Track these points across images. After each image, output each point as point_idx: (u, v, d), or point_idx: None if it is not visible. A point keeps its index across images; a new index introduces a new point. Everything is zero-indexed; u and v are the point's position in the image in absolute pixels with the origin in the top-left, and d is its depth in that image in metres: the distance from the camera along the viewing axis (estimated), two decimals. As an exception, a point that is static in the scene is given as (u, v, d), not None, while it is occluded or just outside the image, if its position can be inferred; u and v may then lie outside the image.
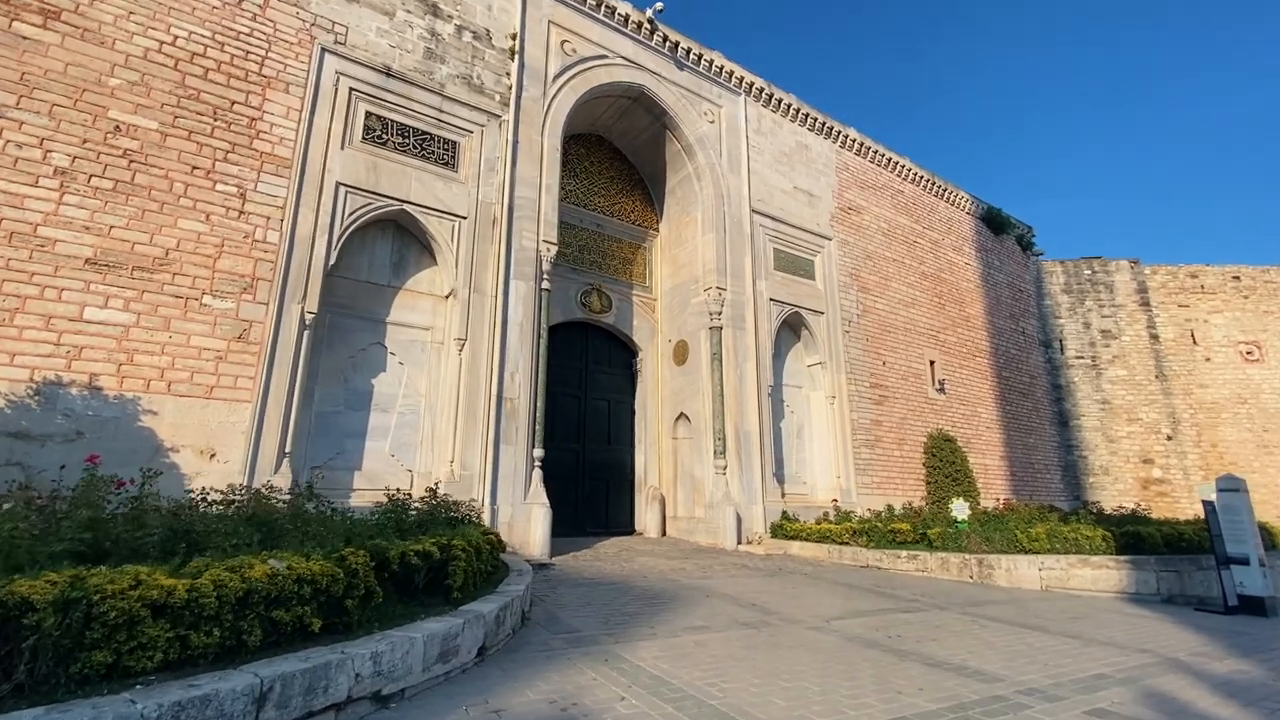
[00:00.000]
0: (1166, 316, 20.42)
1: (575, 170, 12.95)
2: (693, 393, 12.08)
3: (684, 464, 12.20)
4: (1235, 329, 20.33)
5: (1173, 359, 19.97)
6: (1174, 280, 20.82)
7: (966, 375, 16.91)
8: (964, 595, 7.65)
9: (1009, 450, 17.23)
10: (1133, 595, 8.32)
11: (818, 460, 13.36)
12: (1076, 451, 19.21)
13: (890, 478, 13.93)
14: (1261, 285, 20.80)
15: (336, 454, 8.22)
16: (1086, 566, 8.48)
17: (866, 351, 14.49)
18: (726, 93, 13.47)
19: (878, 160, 16.61)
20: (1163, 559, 8.48)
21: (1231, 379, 19.92)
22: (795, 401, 13.59)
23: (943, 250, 17.67)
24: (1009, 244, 20.30)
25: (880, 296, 15.32)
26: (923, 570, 9.16)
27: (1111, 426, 19.29)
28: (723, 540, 10.71)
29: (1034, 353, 19.67)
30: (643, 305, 13.34)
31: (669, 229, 13.69)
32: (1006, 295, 19.40)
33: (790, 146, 14.58)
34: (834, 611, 6.17)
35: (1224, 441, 19.45)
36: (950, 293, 17.39)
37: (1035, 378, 19.30)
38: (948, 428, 15.47)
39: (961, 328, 17.33)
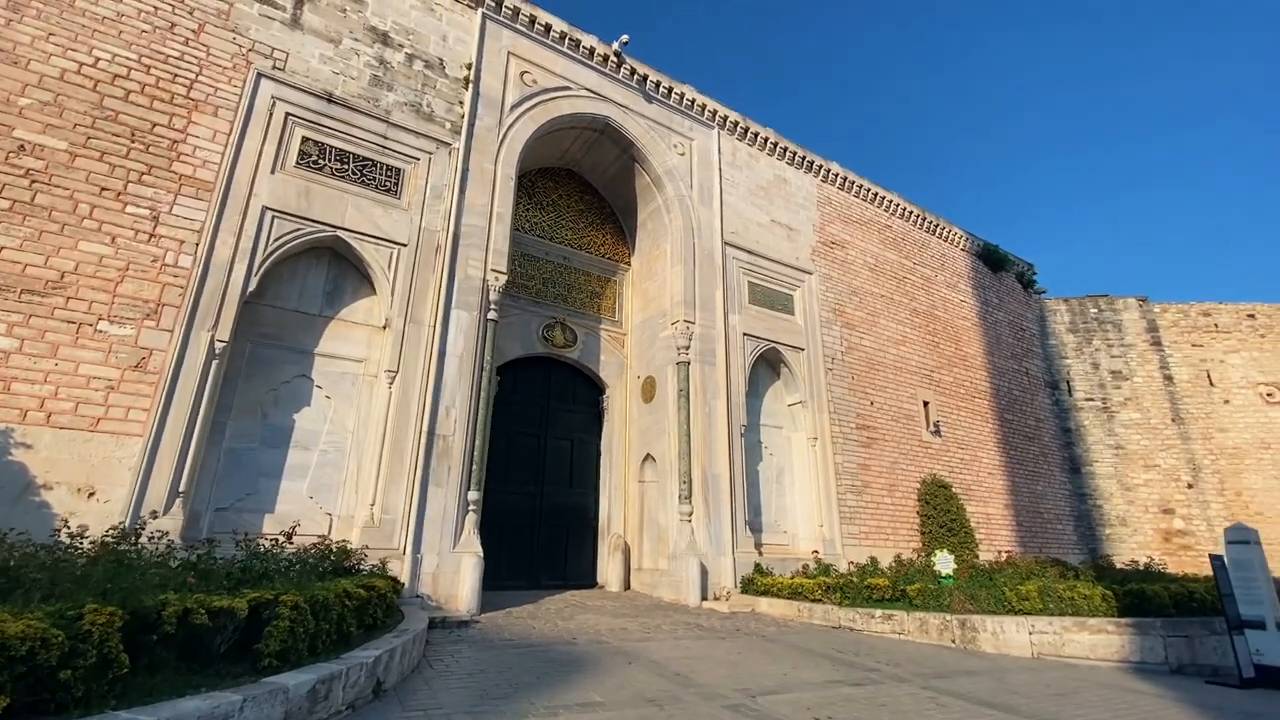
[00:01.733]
0: (1180, 356, 19.36)
1: (542, 203, 12.63)
2: (659, 432, 11.34)
3: (650, 510, 11.35)
4: (1254, 369, 19.17)
5: (1189, 401, 18.81)
6: (1185, 319, 19.83)
7: (965, 417, 15.95)
8: (937, 663, 6.67)
9: (1014, 498, 16.07)
10: (1136, 665, 7.24)
11: (799, 507, 12.42)
12: (1090, 500, 17.93)
13: (879, 527, 12.90)
14: (1278, 324, 19.73)
15: (246, 495, 7.58)
16: (1083, 630, 7.43)
17: (852, 390, 13.68)
18: (698, 125, 13.20)
19: (863, 195, 16.17)
20: (1170, 622, 7.42)
21: (1253, 422, 18.66)
22: (775, 443, 12.76)
23: (935, 287, 17.00)
24: (1008, 281, 19.57)
25: (867, 333, 14.60)
26: (899, 632, 8.14)
27: (1127, 473, 18.04)
28: (685, 596, 9.77)
29: (1039, 394, 18.65)
30: (611, 340, 12.76)
31: (640, 262, 13.23)
32: (1007, 334, 18.55)
33: (768, 180, 14.20)
34: (769, 684, 5.28)
35: (1249, 489, 18.06)
36: (945, 331, 16.62)
37: (1042, 421, 18.23)
38: (944, 473, 14.45)
39: (958, 367, 16.47)
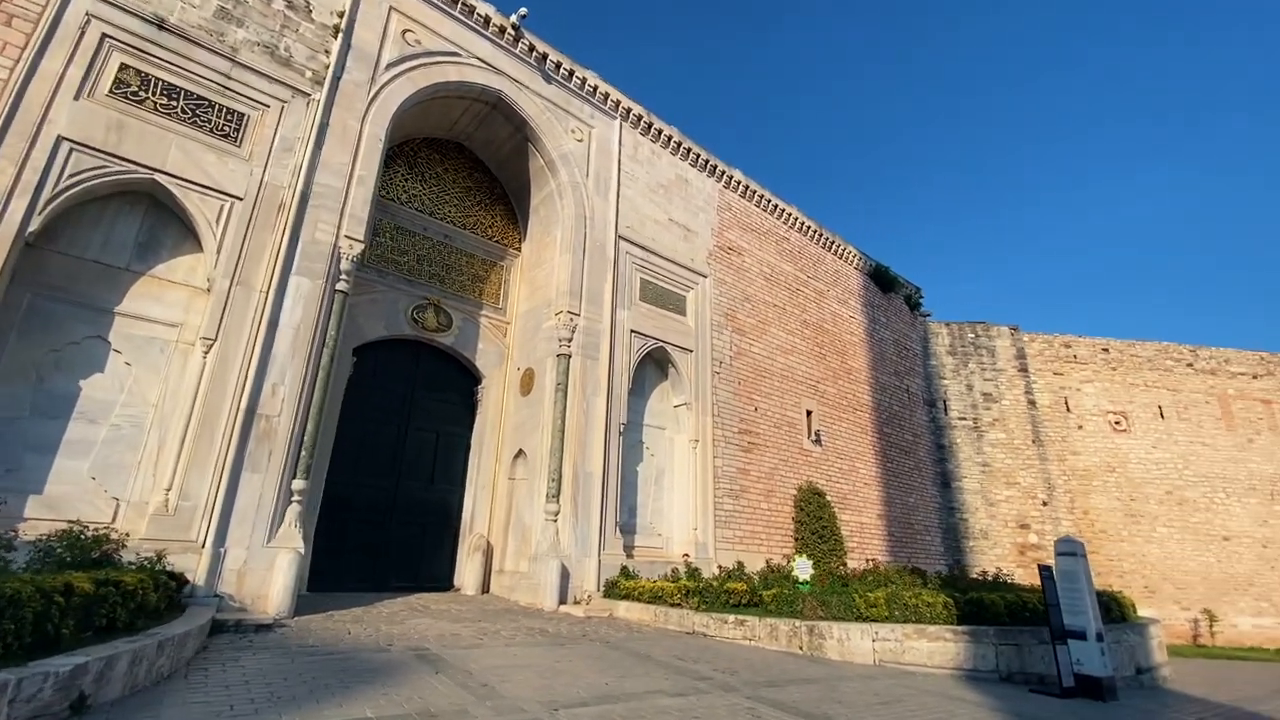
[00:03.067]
0: (1043, 383, 20.91)
1: (425, 175, 11.78)
2: (534, 427, 10.75)
3: (518, 508, 10.72)
4: (1105, 399, 21.01)
5: (1048, 425, 20.32)
6: (1050, 349, 21.48)
7: (846, 429, 16.38)
8: (777, 671, 6.46)
9: (888, 509, 16.64)
10: (969, 672, 7.37)
11: (676, 510, 12.17)
12: (958, 514, 18.92)
13: (755, 532, 12.87)
14: (1128, 358, 21.76)
15: (5, 471, 6.34)
16: (922, 638, 7.51)
17: (738, 395, 13.65)
18: (600, 113, 12.79)
19: (764, 205, 16.34)
20: (1002, 630, 7.62)
21: (1101, 448, 20.41)
22: (657, 444, 12.47)
23: (827, 301, 17.43)
24: (897, 302, 20.44)
25: (757, 340, 14.67)
26: (750, 638, 7.95)
27: (991, 490, 19.19)
28: (542, 599, 9.20)
29: (918, 411, 19.55)
30: (493, 328, 12.05)
31: (531, 249, 12.62)
32: (892, 352, 19.33)
33: (669, 179, 14.00)
34: (581, 696, 4.81)
35: (1095, 509, 19.69)
36: (833, 344, 17.05)
37: (918, 436, 19.09)
38: (821, 482, 14.70)
39: (843, 380, 16.92)
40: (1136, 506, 19.74)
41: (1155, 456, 20.42)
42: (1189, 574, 19.11)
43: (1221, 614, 18.61)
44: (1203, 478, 20.33)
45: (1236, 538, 19.67)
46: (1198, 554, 19.35)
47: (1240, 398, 21.58)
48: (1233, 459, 20.70)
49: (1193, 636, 18.22)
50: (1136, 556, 19.17)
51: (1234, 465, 20.61)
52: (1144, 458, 20.37)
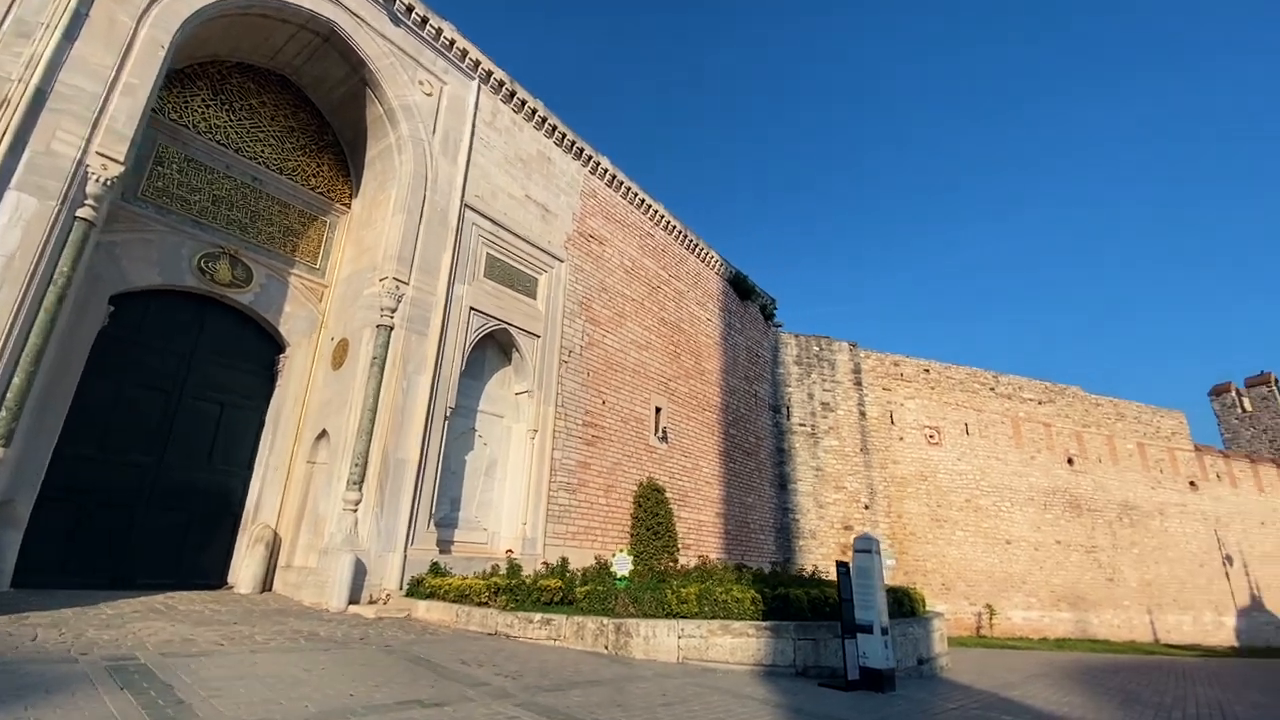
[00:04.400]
0: (874, 397, 22.66)
1: (234, 105, 10.10)
2: (341, 405, 9.52)
3: (315, 496, 9.44)
4: (923, 414, 23.23)
5: (875, 435, 22.04)
6: (881, 366, 23.38)
7: (694, 428, 16.57)
8: (570, 673, 6.01)
9: (727, 507, 17.06)
10: (769, 668, 7.42)
11: (507, 503, 11.45)
12: (791, 514, 19.89)
13: (590, 528, 12.48)
14: (945, 379, 24.25)
15: None
16: (727, 634, 7.44)
17: (586, 387, 13.21)
18: (456, 70, 11.78)
19: (630, 198, 16.11)
20: (802, 626, 7.78)
21: (917, 458, 22.52)
22: (493, 433, 11.67)
23: (686, 302, 17.58)
24: (753, 310, 21.19)
25: (611, 332, 14.35)
26: (555, 638, 7.46)
27: (822, 493, 20.39)
28: (329, 599, 8.08)
29: (763, 415, 20.35)
30: (306, 290, 10.61)
31: (362, 207, 11.31)
32: (744, 357, 19.97)
33: (530, 154, 13.27)
34: (311, 712, 4.00)
35: (908, 513, 21.64)
36: (688, 344, 17.20)
37: (762, 439, 19.87)
38: (663, 478, 14.68)
39: (695, 380, 17.13)
40: (941, 512, 22.00)
41: (959, 468, 22.92)
42: (978, 573, 21.61)
43: (1000, 608, 21.23)
44: (995, 488, 23.14)
45: (1016, 541, 22.59)
46: (986, 555, 21.96)
47: (1028, 420, 24.88)
48: (1018, 473, 23.79)
49: (976, 628, 20.59)
50: (938, 557, 21.34)
51: (1018, 478, 23.69)
52: (950, 469, 22.79)
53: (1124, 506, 25.08)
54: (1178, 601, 24.74)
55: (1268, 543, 28.02)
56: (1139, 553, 24.65)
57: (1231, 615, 25.64)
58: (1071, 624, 22.19)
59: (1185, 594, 25.07)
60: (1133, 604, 23.76)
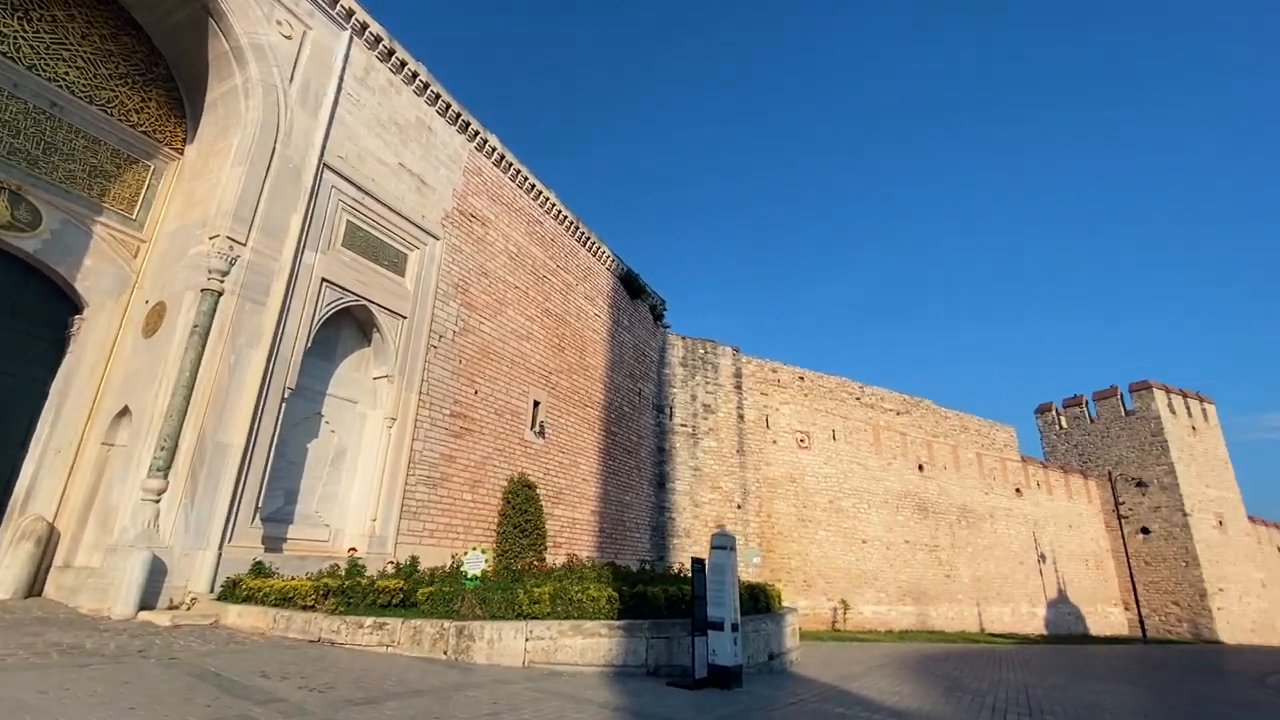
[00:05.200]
0: (752, 401, 23.45)
1: (29, 13, 8.41)
2: (150, 378, 8.17)
3: (109, 484, 8.03)
4: (796, 419, 24.37)
5: (751, 438, 22.79)
6: (760, 371, 24.27)
7: (574, 424, 16.18)
8: (392, 683, 5.39)
9: (603, 506, 16.82)
10: (620, 669, 7.17)
11: (356, 497, 10.44)
12: (668, 513, 20.04)
13: (452, 525, 11.71)
14: (817, 387, 25.61)
15: None
16: (578, 634, 7.12)
17: (457, 375, 12.42)
18: (323, 15, 10.62)
19: (520, 181, 15.46)
20: (657, 624, 7.62)
21: (788, 461, 23.57)
22: (344, 420, 10.61)
23: (575, 295, 17.17)
24: (642, 310, 21.18)
25: (490, 319, 13.63)
26: (389, 644, 6.77)
27: (698, 492, 20.74)
28: (115, 604, 6.85)
29: (646, 414, 20.37)
30: (116, 243, 9.06)
31: (198, 154, 9.87)
32: (630, 356, 19.88)
33: (409, 120, 12.29)
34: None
35: (777, 513, 22.57)
36: (574, 339, 16.80)
37: (643, 438, 19.86)
38: (538, 475, 14.16)
39: (578, 375, 16.75)
40: (807, 513, 23.18)
41: (825, 471, 24.29)
42: (836, 570, 22.97)
43: (853, 603, 22.69)
44: (855, 491, 24.75)
45: (871, 541, 24.29)
46: (844, 553, 23.41)
47: (887, 429, 26.88)
48: (876, 477, 25.61)
49: (832, 622, 21.85)
50: (802, 555, 22.44)
51: (876, 482, 25.52)
52: (817, 471, 24.09)
53: (962, 510, 27.79)
54: (1001, 595, 27.75)
55: (1073, 543, 32.21)
56: (972, 551, 27.39)
57: (1042, 606, 29.17)
58: (914, 617, 24.18)
59: (1007, 588, 28.17)
60: (965, 598, 26.33)
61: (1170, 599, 31.61)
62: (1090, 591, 31.73)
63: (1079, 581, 31.43)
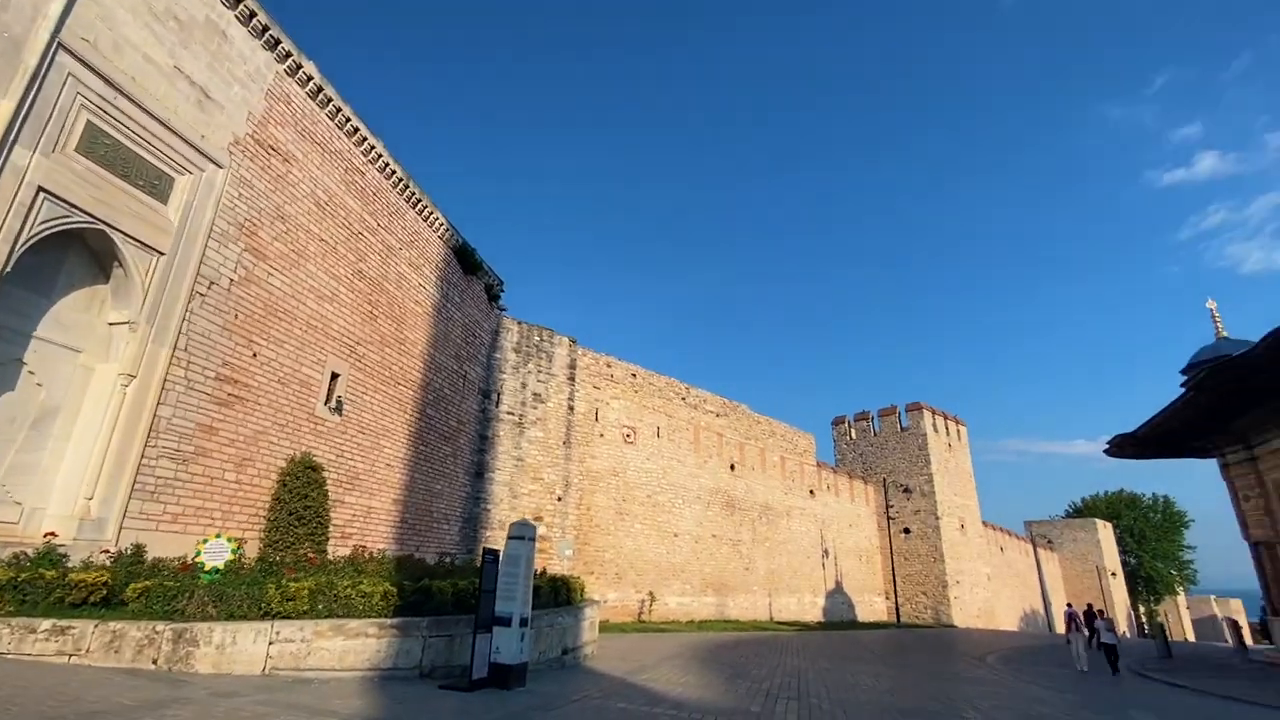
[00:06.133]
0: (584, 393, 23.25)
1: None
2: None
3: None
4: (624, 415, 24.65)
5: (580, 430, 22.57)
6: (596, 365, 24.19)
7: (382, 402, 14.63)
8: (49, 707, 4.09)
9: (408, 494, 15.44)
10: (389, 672, 6.33)
11: (66, 469, 8.28)
12: (484, 504, 19.06)
13: (206, 509, 9.83)
14: (648, 385, 26.17)
15: None
16: (340, 635, 6.15)
17: (230, 332, 10.49)
18: None
19: (341, 122, 13.62)
20: (438, 621, 6.89)
21: (613, 455, 23.75)
22: (57, 372, 8.37)
23: (397, 261, 15.58)
24: (476, 288, 19.95)
25: (284, 272, 11.76)
26: (73, 653, 5.29)
27: (519, 483, 20.02)
28: None
29: (471, 399, 19.21)
30: None
31: None
32: (459, 335, 18.60)
33: (195, 18, 10.14)
34: None
35: (597, 506, 22.60)
36: (391, 308, 15.22)
37: (464, 424, 18.69)
38: (329, 457, 12.53)
39: (394, 349, 15.21)
40: (626, 506, 23.53)
41: (647, 466, 24.89)
42: (648, 562, 23.61)
43: (661, 595, 23.48)
44: (672, 486, 25.69)
45: (682, 535, 25.36)
46: (656, 546, 24.15)
47: (707, 429, 28.32)
48: (692, 474, 26.84)
49: (639, 614, 22.38)
50: (617, 548, 22.70)
51: (692, 479, 26.74)
52: (639, 467, 24.60)
53: (764, 507, 30.19)
54: (790, 586, 30.59)
55: (851, 540, 36.60)
56: (769, 546, 29.85)
57: (822, 596, 32.70)
58: (714, 607, 25.67)
59: (796, 580, 31.14)
60: (760, 589, 28.59)
61: (920, 589, 37.21)
62: (861, 583, 36.25)
63: (853, 574, 35.77)
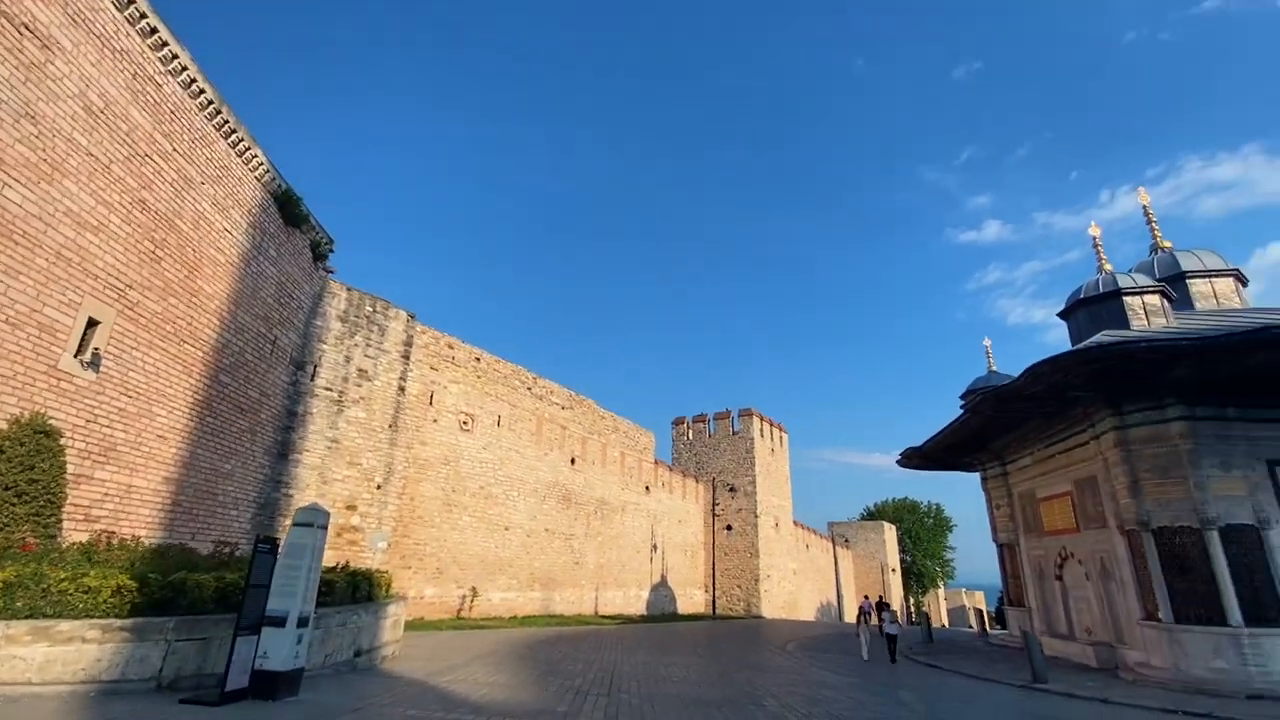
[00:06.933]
0: (419, 374, 21.59)
1: None
2: None
3: None
4: (463, 401, 23.32)
5: (410, 413, 20.90)
6: (436, 344, 22.60)
7: (158, 362, 12.23)
8: None
9: (186, 473, 13.08)
10: (115, 684, 5.08)
11: None
12: (285, 489, 16.84)
13: None
14: (493, 371, 25.03)
15: None
16: (42, 640, 4.79)
17: (-69, 250, 8.01)
18: None
19: (134, 17, 11.15)
20: (190, 622, 5.70)
21: (446, 442, 22.33)
22: None
23: (196, 196, 13.16)
24: (299, 243, 17.61)
25: (27, 185, 9.29)
26: None
27: (332, 467, 18.01)
28: None
29: (279, 369, 16.88)
30: None
31: None
32: (270, 293, 16.25)
33: None
34: None
35: (422, 496, 21.08)
36: (183, 251, 12.81)
37: (269, 396, 16.35)
38: (76, 421, 10.16)
39: (181, 300, 12.80)
40: (455, 497, 22.24)
41: (483, 456, 23.78)
42: (473, 557, 22.51)
43: (484, 590, 22.51)
44: (509, 478, 24.82)
45: (514, 528, 24.58)
46: (484, 540, 23.13)
47: (551, 421, 27.81)
48: (531, 467, 26.17)
49: (459, 610, 21.24)
50: (440, 541, 21.35)
51: (531, 472, 26.07)
52: (475, 456, 23.41)
53: (600, 502, 30.37)
54: (618, 580, 31.07)
55: (679, 536, 38.19)
56: (601, 540, 30.08)
57: (648, 590, 33.67)
58: (540, 602, 25.21)
59: (624, 574, 31.72)
60: (588, 583, 28.66)
61: (736, 583, 39.84)
62: (684, 576, 37.95)
63: (678, 568, 37.32)
